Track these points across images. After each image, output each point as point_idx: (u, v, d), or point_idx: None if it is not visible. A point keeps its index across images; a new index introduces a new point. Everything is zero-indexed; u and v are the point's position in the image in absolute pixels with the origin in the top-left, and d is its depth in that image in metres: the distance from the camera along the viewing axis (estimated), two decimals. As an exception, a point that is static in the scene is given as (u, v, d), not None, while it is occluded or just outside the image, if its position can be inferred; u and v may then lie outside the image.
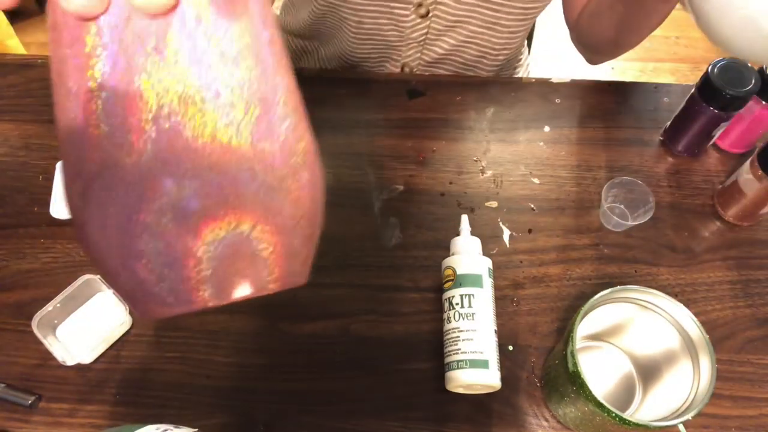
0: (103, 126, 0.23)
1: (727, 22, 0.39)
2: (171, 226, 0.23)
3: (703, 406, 0.46)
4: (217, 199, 0.23)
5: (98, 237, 0.24)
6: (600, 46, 0.76)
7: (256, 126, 0.24)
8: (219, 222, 0.23)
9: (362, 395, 0.57)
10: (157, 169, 0.23)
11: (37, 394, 0.56)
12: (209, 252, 0.23)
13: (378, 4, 0.72)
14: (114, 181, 0.23)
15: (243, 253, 0.24)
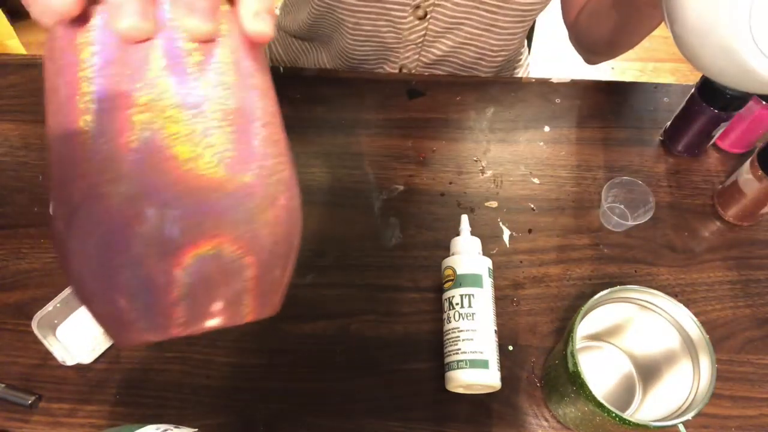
0: (88, 151, 0.23)
1: (704, 50, 0.40)
2: (152, 254, 0.23)
3: (703, 406, 0.46)
4: (197, 228, 0.23)
5: (79, 265, 0.24)
6: (598, 46, 0.76)
7: (236, 154, 0.24)
8: (198, 250, 0.23)
9: (362, 395, 0.57)
10: (139, 197, 0.23)
11: (37, 394, 0.56)
12: (188, 280, 0.24)
13: (375, 6, 0.72)
14: (98, 209, 0.23)
15: (221, 281, 0.24)
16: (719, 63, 0.40)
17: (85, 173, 0.24)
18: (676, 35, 0.42)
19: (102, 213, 0.23)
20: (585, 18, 0.75)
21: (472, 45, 0.78)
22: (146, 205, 0.23)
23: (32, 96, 0.75)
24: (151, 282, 0.23)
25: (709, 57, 0.41)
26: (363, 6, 0.72)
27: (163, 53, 0.24)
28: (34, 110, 0.74)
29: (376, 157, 0.71)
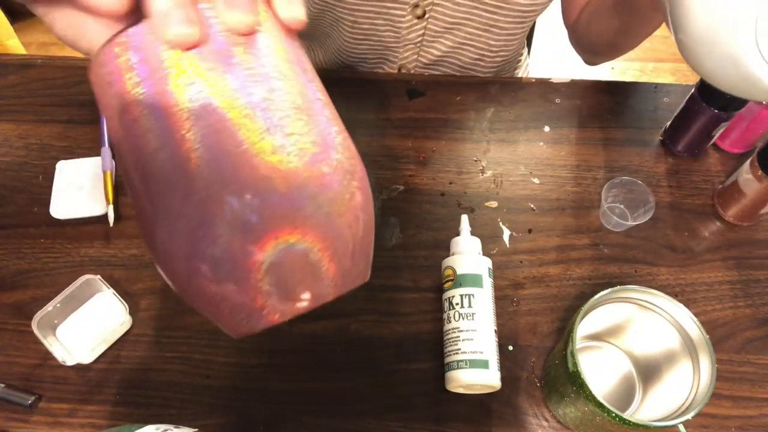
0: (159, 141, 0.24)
1: (709, 58, 0.40)
2: (235, 239, 0.23)
3: (703, 406, 0.46)
4: (277, 217, 0.24)
5: (167, 246, 0.25)
6: (597, 48, 0.76)
7: (313, 147, 0.25)
8: (279, 238, 0.24)
9: (362, 395, 0.58)
10: (218, 185, 0.23)
11: (37, 394, 0.56)
12: (271, 265, 0.24)
13: (374, 5, 0.72)
14: (182, 197, 0.24)
15: (302, 267, 0.25)
16: (724, 72, 0.41)
17: (162, 167, 0.24)
18: (681, 43, 0.42)
19: (185, 198, 0.24)
20: (585, 19, 0.75)
21: (471, 45, 0.78)
22: (227, 192, 0.23)
23: (32, 96, 0.75)
24: (236, 265, 0.24)
25: (714, 65, 0.41)
26: (362, 4, 0.72)
27: (213, 53, 0.24)
28: (34, 110, 0.74)
29: (376, 157, 0.71)
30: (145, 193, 0.25)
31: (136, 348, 0.59)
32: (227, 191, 0.23)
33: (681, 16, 0.41)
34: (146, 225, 0.25)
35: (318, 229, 0.24)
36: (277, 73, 0.25)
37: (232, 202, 0.23)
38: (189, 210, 0.24)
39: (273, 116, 0.24)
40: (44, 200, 0.66)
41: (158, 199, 0.24)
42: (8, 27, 1.42)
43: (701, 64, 0.42)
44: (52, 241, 0.65)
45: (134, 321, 0.60)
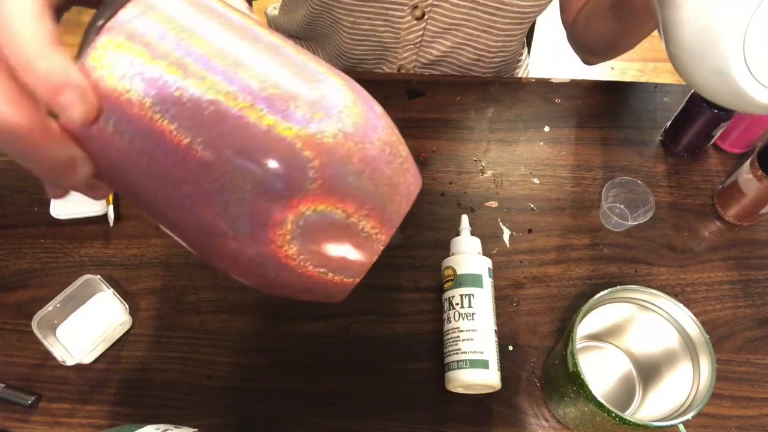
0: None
1: (698, 71, 0.42)
2: (258, 198, 0.23)
3: (703, 406, 0.46)
4: (319, 187, 0.23)
5: (237, 250, 0.25)
6: (595, 48, 0.76)
7: (359, 123, 0.25)
8: (317, 203, 0.23)
9: (362, 395, 0.58)
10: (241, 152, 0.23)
11: (37, 394, 0.56)
12: (296, 226, 0.24)
13: (373, 5, 0.72)
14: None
15: (341, 231, 0.24)
16: (712, 84, 0.42)
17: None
18: (672, 54, 0.44)
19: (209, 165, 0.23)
20: (583, 20, 0.75)
21: (469, 46, 0.78)
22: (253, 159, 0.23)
23: (32, 96, 0.75)
24: (257, 215, 0.23)
25: (703, 78, 0.42)
26: (361, 5, 0.72)
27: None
28: (34, 110, 0.74)
29: (376, 157, 0.71)
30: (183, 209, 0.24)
31: (136, 348, 0.59)
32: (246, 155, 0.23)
33: (672, 29, 0.42)
34: (205, 239, 0.25)
35: (365, 204, 0.24)
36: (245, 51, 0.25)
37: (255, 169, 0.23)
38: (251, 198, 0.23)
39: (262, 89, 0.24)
40: (44, 200, 0.66)
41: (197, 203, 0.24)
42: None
43: (691, 76, 0.43)
44: (52, 241, 0.65)
45: (134, 321, 0.60)
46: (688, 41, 0.41)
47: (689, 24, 0.40)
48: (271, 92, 0.23)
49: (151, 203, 0.25)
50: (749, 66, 0.39)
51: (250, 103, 0.23)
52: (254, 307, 0.61)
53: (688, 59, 0.42)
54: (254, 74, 0.24)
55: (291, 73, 0.24)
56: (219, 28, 0.25)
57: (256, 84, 0.23)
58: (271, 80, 0.24)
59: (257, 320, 0.61)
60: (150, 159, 0.24)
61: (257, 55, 0.24)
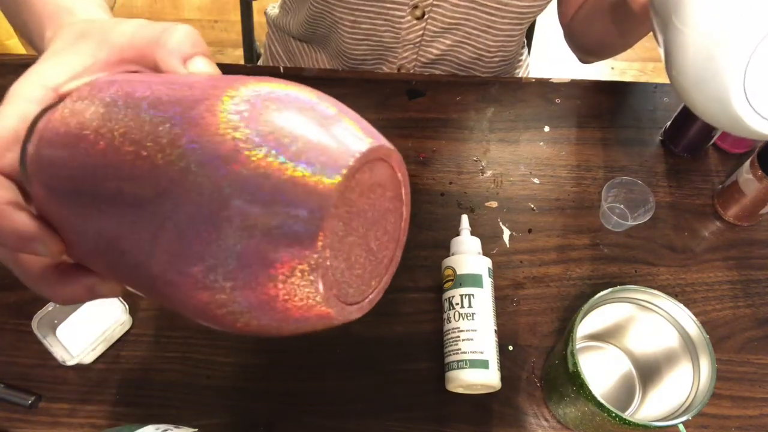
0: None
1: (699, 96, 0.44)
2: (252, 241, 0.21)
3: (703, 406, 0.46)
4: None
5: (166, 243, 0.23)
6: (592, 47, 0.76)
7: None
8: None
9: (362, 395, 0.58)
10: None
11: (37, 394, 0.56)
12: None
13: (373, 5, 0.72)
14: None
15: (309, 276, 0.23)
16: (712, 110, 0.44)
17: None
18: (673, 78, 0.45)
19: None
20: (580, 20, 0.75)
21: (469, 45, 0.78)
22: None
23: (32, 96, 0.75)
24: (246, 258, 0.21)
25: (703, 104, 0.44)
26: (361, 5, 0.72)
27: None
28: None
29: (376, 157, 0.71)
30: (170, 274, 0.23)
31: (136, 348, 0.59)
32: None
33: (675, 55, 0.43)
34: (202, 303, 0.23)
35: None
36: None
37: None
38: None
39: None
40: (44, 200, 0.66)
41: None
42: (8, 27, 1.42)
43: (691, 100, 0.45)
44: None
45: (134, 321, 0.60)
46: (691, 68, 0.42)
47: (693, 52, 0.41)
48: (282, 137, 0.22)
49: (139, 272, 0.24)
50: (748, 97, 0.41)
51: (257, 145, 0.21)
52: (254, 307, 0.61)
53: (689, 85, 0.43)
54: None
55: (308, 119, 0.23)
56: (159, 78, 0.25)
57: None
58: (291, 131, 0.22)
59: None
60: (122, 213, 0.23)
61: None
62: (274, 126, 0.22)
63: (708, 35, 0.40)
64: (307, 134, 0.22)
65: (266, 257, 0.21)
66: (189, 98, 0.23)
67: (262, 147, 0.21)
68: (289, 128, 0.22)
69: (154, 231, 0.22)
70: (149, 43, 0.28)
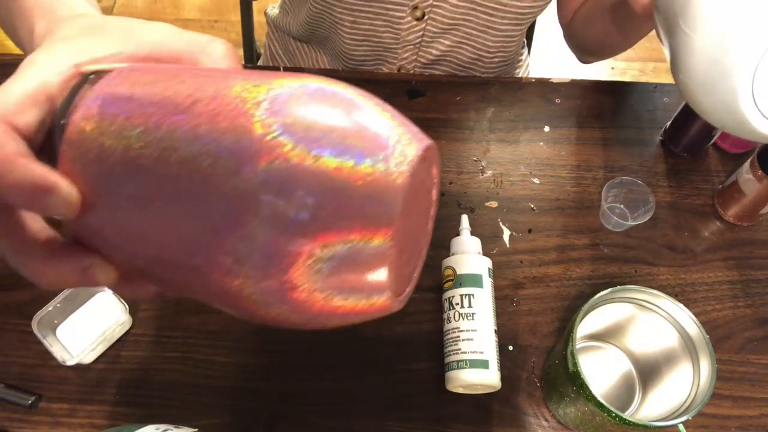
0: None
1: (707, 101, 0.44)
2: (275, 232, 0.22)
3: (703, 406, 0.46)
4: (329, 218, 0.22)
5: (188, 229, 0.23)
6: (592, 47, 0.76)
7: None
8: (328, 239, 0.22)
9: (362, 395, 0.57)
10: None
11: (37, 394, 0.56)
12: (324, 259, 0.22)
13: (373, 6, 0.72)
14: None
15: (361, 267, 0.23)
16: (719, 114, 0.44)
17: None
18: (679, 81, 0.45)
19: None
20: (580, 20, 0.75)
21: (469, 45, 0.78)
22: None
23: (32, 96, 0.75)
24: (271, 252, 0.22)
25: (710, 107, 0.44)
26: (361, 5, 0.72)
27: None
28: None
29: (376, 157, 0.71)
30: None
31: (136, 348, 0.59)
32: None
33: (682, 59, 0.43)
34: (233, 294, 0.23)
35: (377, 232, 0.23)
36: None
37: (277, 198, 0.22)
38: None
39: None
40: (44, 200, 0.66)
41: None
42: (8, 27, 1.42)
43: (699, 104, 0.45)
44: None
45: (134, 321, 0.60)
46: (698, 72, 0.42)
47: (700, 56, 0.41)
48: (301, 123, 0.22)
49: (160, 251, 0.24)
50: (756, 101, 0.41)
51: (278, 132, 0.22)
52: (254, 307, 0.61)
53: (696, 89, 0.43)
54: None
55: (328, 105, 0.23)
56: (190, 71, 0.25)
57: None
58: (291, 109, 0.22)
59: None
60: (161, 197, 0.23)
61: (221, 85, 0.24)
62: (327, 124, 0.23)
63: (716, 40, 0.40)
64: (365, 131, 0.23)
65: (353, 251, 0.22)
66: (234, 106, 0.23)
67: (321, 147, 0.22)
68: (349, 129, 0.23)
69: (209, 211, 0.22)
70: (189, 49, 0.28)
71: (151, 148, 0.23)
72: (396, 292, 0.25)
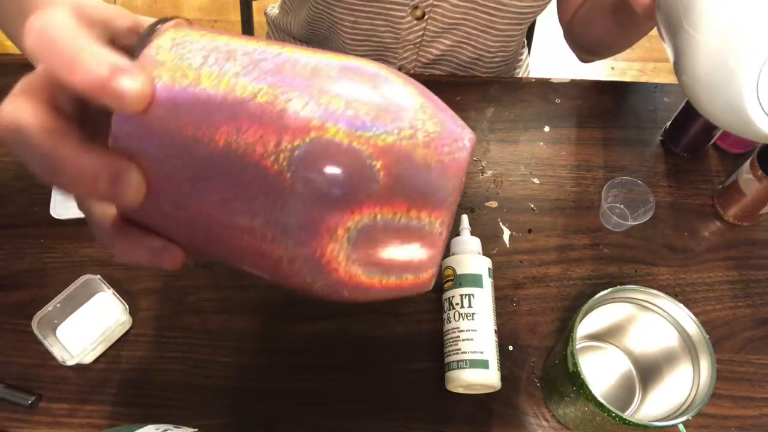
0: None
1: (711, 101, 0.43)
2: (312, 206, 0.22)
3: (703, 406, 0.46)
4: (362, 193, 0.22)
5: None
6: (592, 47, 0.76)
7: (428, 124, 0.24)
8: (378, 209, 0.23)
9: (362, 395, 0.58)
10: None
11: (37, 394, 0.56)
12: (348, 233, 0.23)
13: (373, 6, 0.72)
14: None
15: (402, 232, 0.23)
16: (724, 115, 0.43)
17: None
18: (684, 84, 0.45)
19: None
20: (580, 19, 0.75)
21: (469, 45, 0.78)
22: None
23: (32, 96, 0.75)
24: (309, 223, 0.22)
25: (715, 109, 0.44)
26: (361, 5, 0.72)
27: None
28: (34, 110, 0.74)
29: (376, 157, 0.71)
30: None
31: (136, 348, 0.59)
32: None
33: (686, 60, 0.43)
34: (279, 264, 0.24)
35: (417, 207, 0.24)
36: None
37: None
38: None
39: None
40: (44, 200, 0.66)
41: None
42: (8, 27, 1.42)
43: (703, 105, 0.44)
44: (52, 241, 0.65)
45: (134, 321, 0.60)
46: (703, 73, 0.42)
47: (705, 57, 0.41)
48: (332, 101, 0.23)
49: (196, 217, 0.24)
50: (762, 102, 0.41)
51: (310, 114, 0.22)
52: (254, 307, 0.61)
53: (701, 90, 0.43)
54: (314, 86, 0.23)
55: (348, 79, 0.24)
56: (256, 47, 0.25)
57: (315, 94, 0.23)
58: (328, 90, 0.23)
59: (257, 320, 0.61)
60: (201, 157, 0.23)
61: (308, 67, 0.24)
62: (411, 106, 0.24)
63: (720, 40, 0.40)
64: (436, 115, 0.25)
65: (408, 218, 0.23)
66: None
67: (389, 129, 0.23)
68: (425, 109, 0.24)
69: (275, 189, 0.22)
70: None
71: (202, 130, 0.23)
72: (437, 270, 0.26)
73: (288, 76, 0.23)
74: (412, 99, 0.24)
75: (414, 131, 0.23)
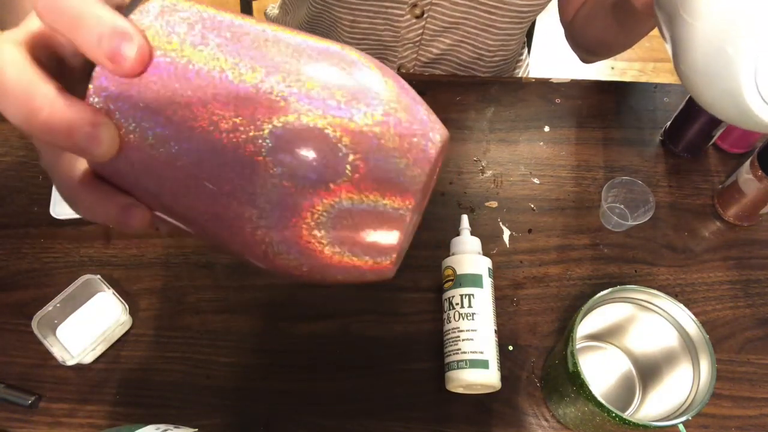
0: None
1: (708, 91, 0.43)
2: (290, 186, 0.23)
3: (703, 406, 0.46)
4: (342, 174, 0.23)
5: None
6: (593, 47, 0.76)
7: (396, 109, 0.24)
8: (349, 193, 0.23)
9: (362, 395, 0.58)
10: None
11: (37, 394, 0.56)
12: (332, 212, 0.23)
13: (372, 4, 0.72)
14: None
15: (370, 216, 0.24)
16: (722, 104, 0.43)
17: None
18: (682, 73, 0.44)
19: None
20: (581, 19, 0.75)
21: (469, 44, 0.78)
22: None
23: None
24: (286, 203, 0.23)
25: (713, 98, 0.43)
26: (360, 4, 0.72)
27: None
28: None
29: (376, 157, 0.71)
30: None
31: (136, 348, 0.59)
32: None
33: (684, 49, 0.42)
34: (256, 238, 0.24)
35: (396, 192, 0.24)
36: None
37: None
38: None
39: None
40: (44, 200, 0.66)
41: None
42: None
43: (701, 95, 0.44)
44: (52, 241, 0.65)
45: (134, 321, 0.60)
46: (701, 62, 0.42)
47: (702, 45, 0.41)
48: (308, 82, 0.23)
49: (174, 190, 0.25)
50: (760, 90, 0.40)
51: (286, 92, 0.23)
52: (254, 307, 0.62)
53: (699, 79, 0.43)
54: (293, 66, 0.23)
55: (327, 63, 0.24)
56: (243, 23, 0.25)
57: (293, 74, 0.23)
58: (306, 71, 0.23)
59: (257, 320, 0.61)
60: (174, 123, 0.23)
61: (290, 47, 0.24)
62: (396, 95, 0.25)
63: (718, 27, 0.40)
64: (414, 108, 0.25)
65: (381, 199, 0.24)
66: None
67: (377, 112, 0.24)
68: (403, 101, 0.25)
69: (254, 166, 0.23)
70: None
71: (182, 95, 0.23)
72: (397, 258, 0.26)
73: (268, 53, 0.24)
74: (388, 88, 0.24)
75: (386, 118, 0.24)
